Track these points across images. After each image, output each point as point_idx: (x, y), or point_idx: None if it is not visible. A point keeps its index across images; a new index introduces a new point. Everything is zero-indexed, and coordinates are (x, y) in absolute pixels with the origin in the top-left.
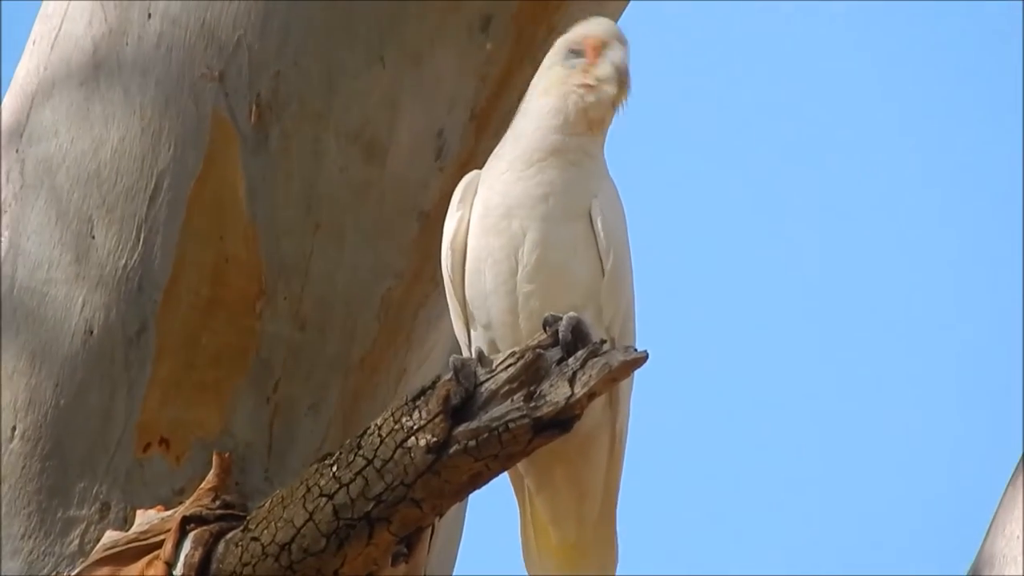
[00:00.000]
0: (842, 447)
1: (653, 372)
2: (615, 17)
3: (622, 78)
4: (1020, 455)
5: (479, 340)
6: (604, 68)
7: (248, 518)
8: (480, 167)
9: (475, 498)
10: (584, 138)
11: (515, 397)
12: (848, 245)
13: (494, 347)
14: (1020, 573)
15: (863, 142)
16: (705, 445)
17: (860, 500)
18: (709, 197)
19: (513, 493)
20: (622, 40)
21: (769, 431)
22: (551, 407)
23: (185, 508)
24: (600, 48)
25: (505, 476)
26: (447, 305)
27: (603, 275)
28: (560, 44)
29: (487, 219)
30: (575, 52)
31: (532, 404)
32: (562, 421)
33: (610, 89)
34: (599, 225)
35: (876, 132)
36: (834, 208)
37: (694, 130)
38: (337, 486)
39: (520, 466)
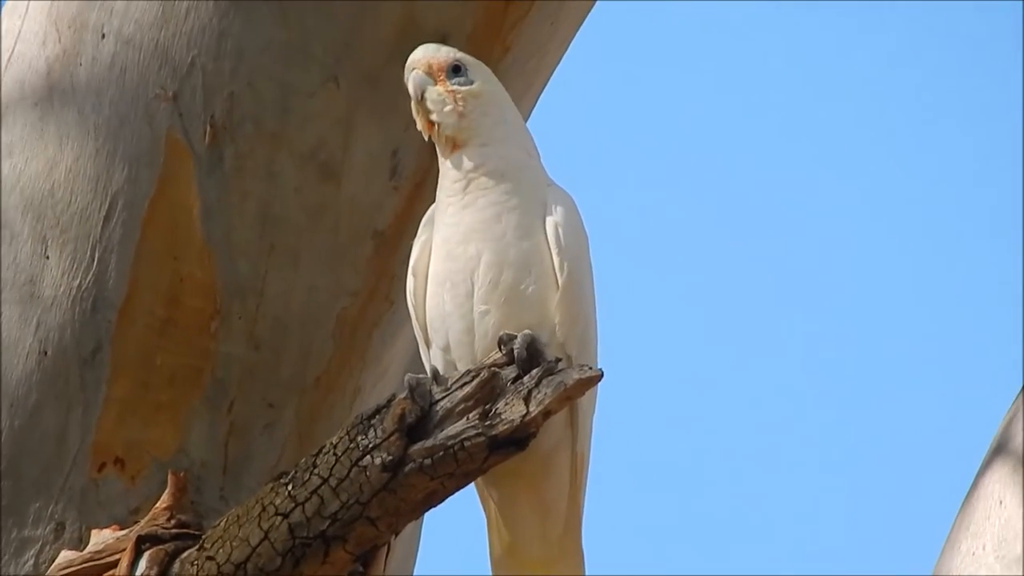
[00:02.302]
0: (815, 452)
1: (627, 385)
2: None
3: (418, 107)
4: (976, 470)
5: (436, 361)
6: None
7: (203, 537)
8: (435, 187)
9: (431, 516)
10: (478, 155)
11: (470, 415)
12: (834, 247)
13: (450, 367)
14: None
15: (857, 142)
16: (678, 455)
17: (833, 505)
18: (695, 200)
19: (482, 510)
20: (416, 65)
21: (744, 439)
22: (506, 425)
23: (140, 527)
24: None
25: (463, 493)
26: (402, 323)
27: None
28: None
29: (445, 246)
30: None
31: (487, 422)
32: (518, 439)
33: (419, 125)
34: (552, 241)
35: (873, 131)
36: (823, 210)
37: (680, 130)
38: (292, 505)
39: (484, 485)
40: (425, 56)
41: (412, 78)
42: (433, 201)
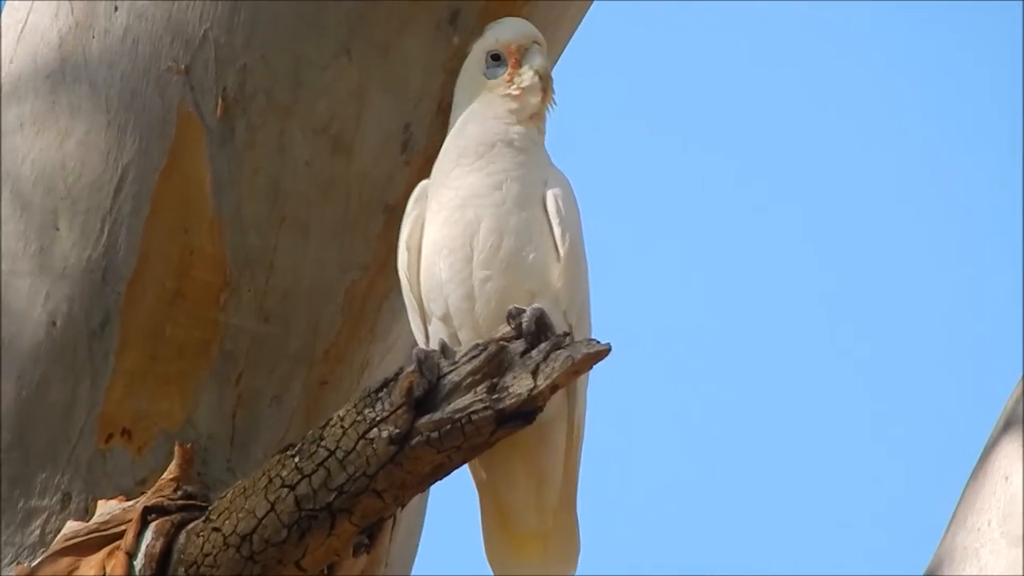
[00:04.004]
0: (806, 439)
1: (619, 364)
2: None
3: (546, 85)
4: (981, 451)
5: (437, 333)
6: (527, 77)
7: (210, 509)
8: None
9: (438, 489)
10: (525, 127)
11: (478, 389)
12: (825, 232)
13: (453, 338)
14: (981, 566)
15: (847, 139)
16: (671, 438)
17: (822, 495)
18: (686, 189)
19: (473, 483)
20: (539, 41)
21: (746, 422)
22: (514, 399)
23: (147, 499)
24: (519, 54)
25: (466, 467)
26: None
27: (558, 260)
28: (478, 51)
29: (441, 212)
30: (495, 59)
31: (495, 396)
32: (525, 413)
33: (534, 99)
34: (552, 211)
35: (869, 129)
36: (819, 200)
37: (673, 123)
38: (299, 477)
39: (479, 456)
40: (539, 37)
41: (543, 55)
42: None
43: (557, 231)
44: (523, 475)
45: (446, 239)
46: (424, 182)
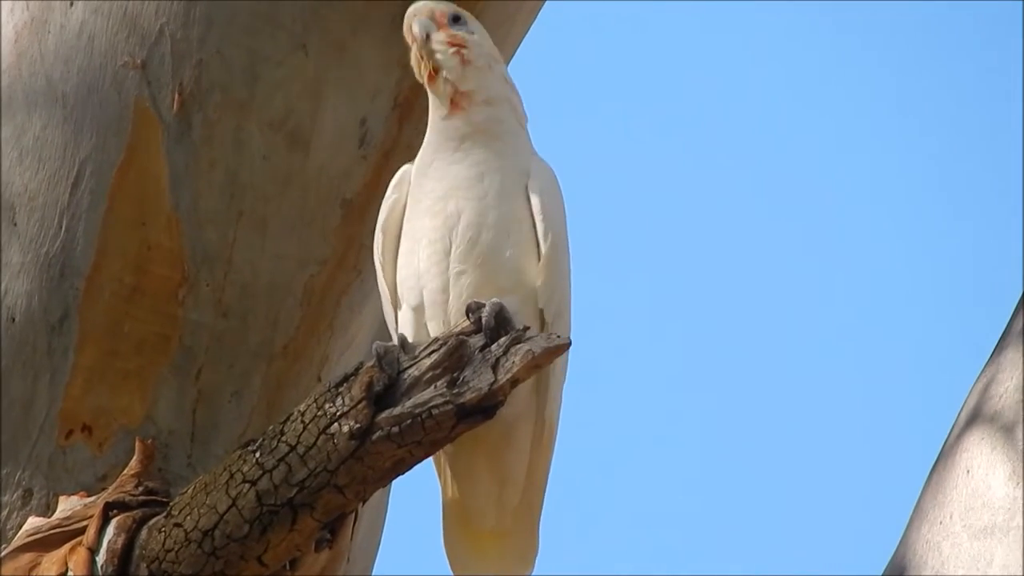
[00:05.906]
0: (784, 436)
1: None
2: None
3: (420, 55)
4: (940, 447)
5: (406, 321)
6: (413, 59)
7: (171, 504)
8: (403, 156)
9: (399, 484)
10: (480, 113)
11: (438, 383)
12: (781, 238)
13: (423, 329)
14: (942, 559)
15: (834, 137)
16: (653, 440)
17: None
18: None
19: (437, 477)
20: (419, 11)
21: (718, 425)
22: (474, 393)
23: (108, 494)
24: (410, 32)
25: (430, 462)
26: (370, 292)
27: (539, 257)
28: None
29: (423, 202)
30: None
31: (455, 390)
32: (486, 407)
33: (418, 74)
34: (537, 208)
35: (865, 130)
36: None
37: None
38: (260, 472)
39: (443, 450)
40: (428, 5)
41: (416, 22)
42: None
43: (540, 228)
44: (486, 472)
45: (427, 229)
46: (406, 166)
